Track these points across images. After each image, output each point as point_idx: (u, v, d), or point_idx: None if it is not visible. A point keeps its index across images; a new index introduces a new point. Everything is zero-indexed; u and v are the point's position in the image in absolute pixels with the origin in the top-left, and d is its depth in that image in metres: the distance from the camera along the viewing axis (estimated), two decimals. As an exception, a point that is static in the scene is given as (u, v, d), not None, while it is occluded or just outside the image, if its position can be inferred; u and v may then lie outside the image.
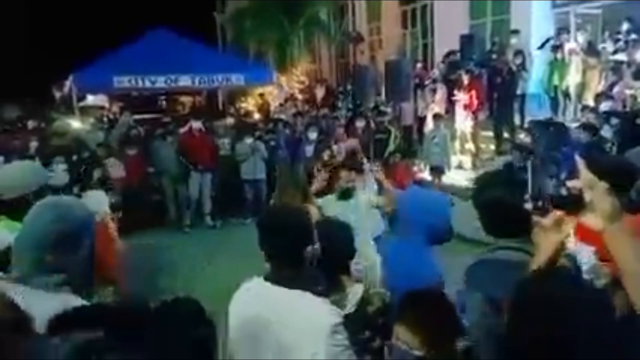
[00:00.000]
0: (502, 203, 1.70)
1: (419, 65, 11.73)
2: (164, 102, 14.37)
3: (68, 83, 10.16)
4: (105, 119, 11.61)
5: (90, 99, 12.92)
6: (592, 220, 1.23)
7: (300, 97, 13.91)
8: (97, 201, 4.16)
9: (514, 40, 9.64)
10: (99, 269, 3.70)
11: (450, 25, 11.61)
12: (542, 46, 9.50)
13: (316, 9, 15.28)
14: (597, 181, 1.22)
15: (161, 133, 8.65)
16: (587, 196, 1.23)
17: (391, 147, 8.85)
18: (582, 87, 8.88)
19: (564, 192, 1.36)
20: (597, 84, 8.59)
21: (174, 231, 7.92)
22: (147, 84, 10.31)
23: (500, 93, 9.20)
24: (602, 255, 1.51)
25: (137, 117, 11.01)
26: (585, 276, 1.60)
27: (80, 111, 10.17)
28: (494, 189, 1.76)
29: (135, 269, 5.03)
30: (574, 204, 1.44)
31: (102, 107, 12.82)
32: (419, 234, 2.51)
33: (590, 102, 8.37)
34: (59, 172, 4.35)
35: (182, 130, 8.79)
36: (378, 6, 14.89)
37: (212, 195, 8.34)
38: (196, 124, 8.59)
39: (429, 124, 9.41)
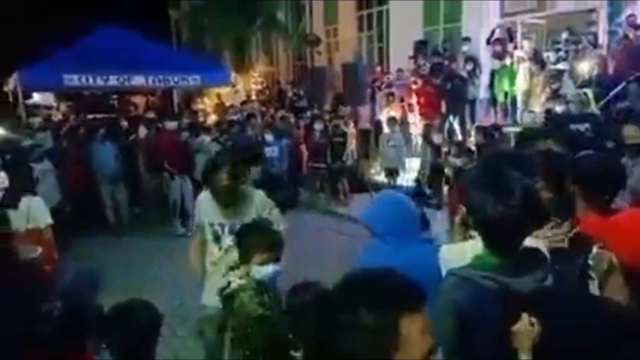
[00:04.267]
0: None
1: (377, 69, 11.98)
2: (115, 102, 13.93)
3: (13, 80, 9.69)
4: (53, 119, 11.14)
5: (37, 98, 12.39)
6: None
7: (255, 98, 13.88)
8: (39, 210, 3.93)
9: (465, 48, 10.02)
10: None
11: (404, 30, 11.91)
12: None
13: (273, 9, 15.27)
14: None
15: (102, 135, 8.09)
16: None
17: (348, 149, 9.03)
18: (528, 93, 9.33)
19: None
20: (541, 91, 9.05)
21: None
22: (99, 82, 9.98)
23: (451, 98, 9.53)
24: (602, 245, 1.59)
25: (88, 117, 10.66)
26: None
27: (26, 110, 9.73)
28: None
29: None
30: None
31: (50, 107, 12.30)
32: None
33: (536, 108, 8.84)
34: None
35: (140, 132, 8.56)
36: (335, 9, 15.05)
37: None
38: (170, 125, 8.30)
39: (385, 128, 9.62)
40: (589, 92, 7.58)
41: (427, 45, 11.23)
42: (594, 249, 1.63)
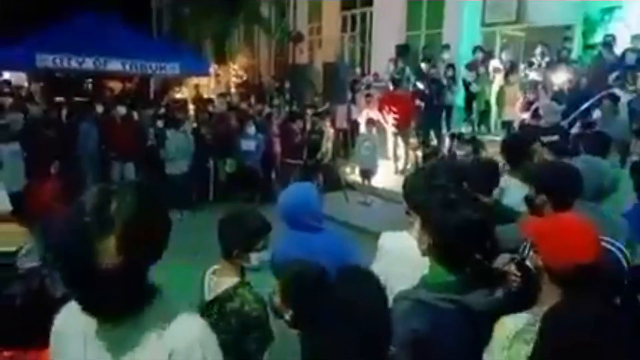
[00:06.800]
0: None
1: (357, 69, 12.03)
2: (90, 86, 13.62)
3: (-18, 58, 9.38)
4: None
5: (7, 77, 12.02)
6: None
7: (235, 90, 13.78)
8: None
9: (445, 55, 10.14)
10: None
11: (387, 33, 12.00)
12: None
13: (256, 3, 15.16)
14: None
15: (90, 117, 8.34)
16: None
17: (324, 147, 9.04)
18: (502, 103, 9.50)
19: None
20: (515, 101, 9.22)
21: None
22: (74, 64, 9.75)
23: (428, 104, 9.62)
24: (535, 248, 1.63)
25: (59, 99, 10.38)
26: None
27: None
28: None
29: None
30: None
31: (21, 87, 11.93)
32: None
33: (510, 117, 9.04)
34: None
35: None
36: (319, 7, 15.05)
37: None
38: (120, 109, 8.41)
39: (362, 128, 9.66)
40: None
41: (409, 50, 11.33)
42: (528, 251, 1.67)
